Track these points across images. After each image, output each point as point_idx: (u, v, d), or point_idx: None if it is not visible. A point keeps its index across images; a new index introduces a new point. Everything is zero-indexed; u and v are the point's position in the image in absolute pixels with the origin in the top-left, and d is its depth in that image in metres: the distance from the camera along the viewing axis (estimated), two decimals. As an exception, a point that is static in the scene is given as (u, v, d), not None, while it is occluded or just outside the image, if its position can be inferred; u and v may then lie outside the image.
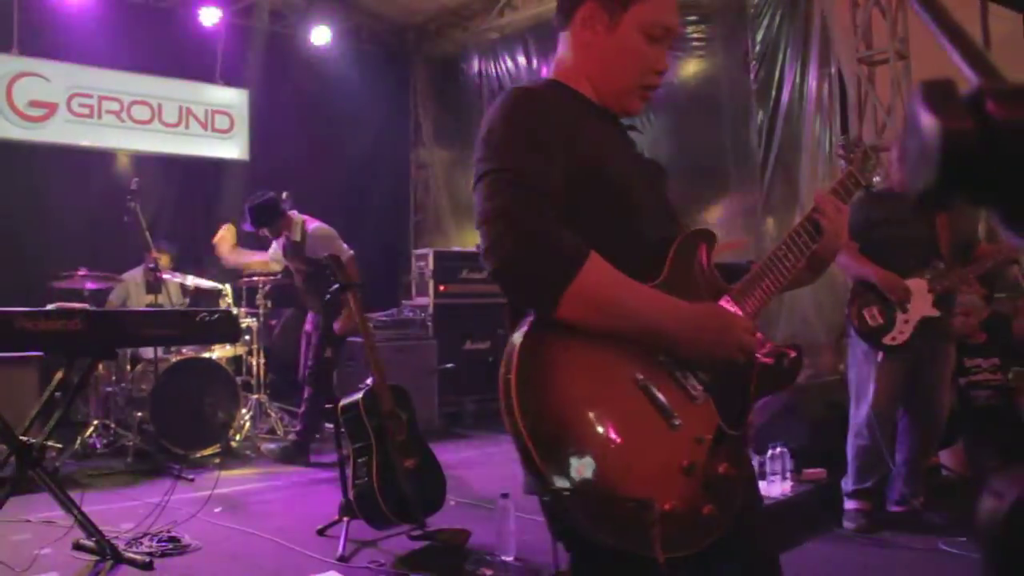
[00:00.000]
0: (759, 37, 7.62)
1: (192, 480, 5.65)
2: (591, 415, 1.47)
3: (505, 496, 3.94)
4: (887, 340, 4.39)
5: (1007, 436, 5.16)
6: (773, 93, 7.49)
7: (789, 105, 7.38)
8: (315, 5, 9.76)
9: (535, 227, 1.50)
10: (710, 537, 1.54)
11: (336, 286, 4.45)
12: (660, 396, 1.55)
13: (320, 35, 9.79)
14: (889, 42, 6.58)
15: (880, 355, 4.44)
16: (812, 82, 7.23)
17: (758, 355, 1.71)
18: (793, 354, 1.77)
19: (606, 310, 1.51)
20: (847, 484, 4.61)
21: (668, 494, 1.50)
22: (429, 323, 8.23)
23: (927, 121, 0.57)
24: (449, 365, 7.85)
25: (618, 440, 1.47)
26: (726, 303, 1.74)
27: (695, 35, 8.15)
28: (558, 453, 1.42)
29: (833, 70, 7.09)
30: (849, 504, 4.57)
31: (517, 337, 1.51)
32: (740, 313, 1.71)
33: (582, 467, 1.42)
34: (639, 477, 1.48)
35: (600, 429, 1.46)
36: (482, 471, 5.90)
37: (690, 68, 8.28)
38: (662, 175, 1.91)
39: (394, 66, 10.95)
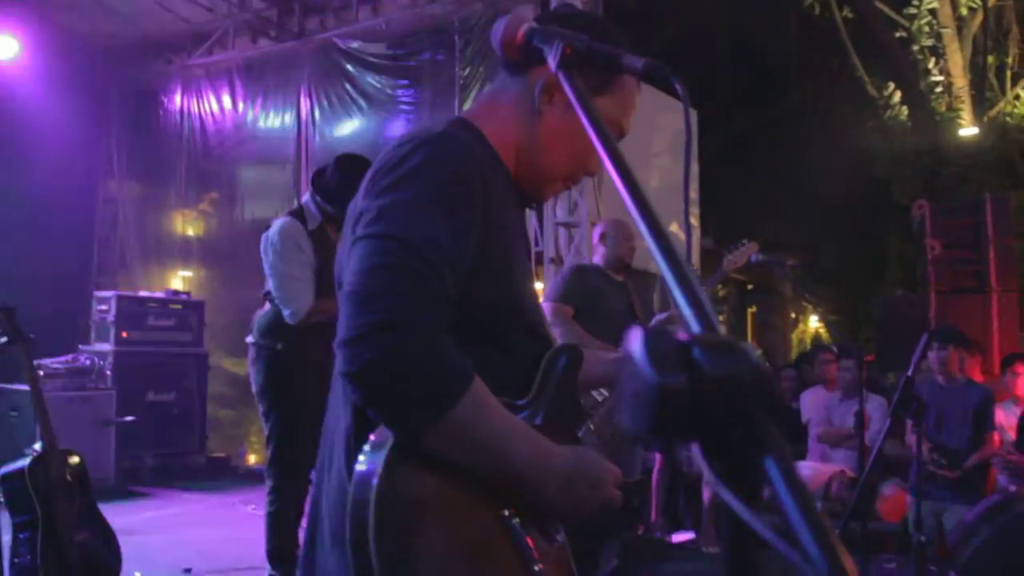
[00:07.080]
0: (465, 106, 7.92)
1: None
2: (452, 560, 1.26)
3: (188, 572, 3.73)
4: None
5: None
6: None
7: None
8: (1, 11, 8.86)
9: (422, 332, 1.23)
10: None
11: (4, 339, 4.00)
12: (524, 536, 1.33)
13: (6, 47, 8.87)
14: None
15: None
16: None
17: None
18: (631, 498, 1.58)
19: (476, 450, 1.27)
20: None
21: None
22: (108, 372, 7.64)
23: (645, 373, 0.65)
24: (129, 418, 7.31)
25: None
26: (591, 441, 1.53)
27: (404, 99, 8.37)
28: None
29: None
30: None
31: (374, 462, 1.24)
32: (608, 463, 1.45)
33: None
34: None
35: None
36: (163, 537, 5.54)
37: (397, 129, 8.44)
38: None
39: (89, 91, 10.13)
